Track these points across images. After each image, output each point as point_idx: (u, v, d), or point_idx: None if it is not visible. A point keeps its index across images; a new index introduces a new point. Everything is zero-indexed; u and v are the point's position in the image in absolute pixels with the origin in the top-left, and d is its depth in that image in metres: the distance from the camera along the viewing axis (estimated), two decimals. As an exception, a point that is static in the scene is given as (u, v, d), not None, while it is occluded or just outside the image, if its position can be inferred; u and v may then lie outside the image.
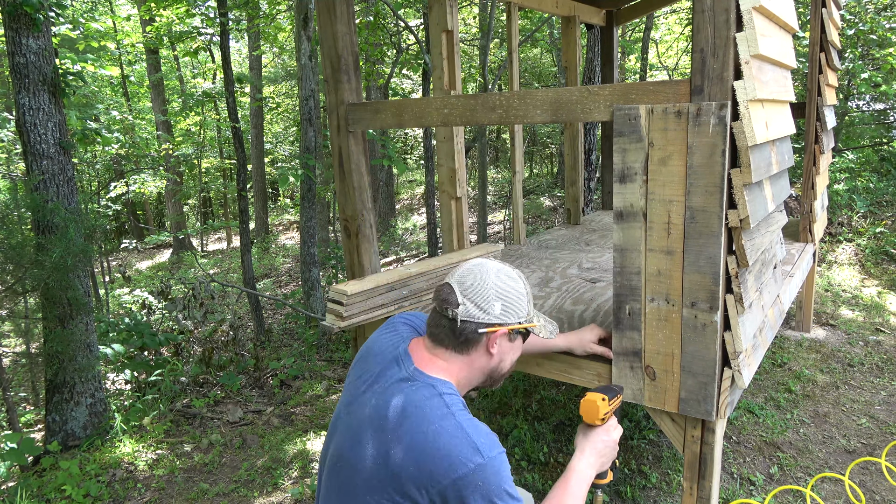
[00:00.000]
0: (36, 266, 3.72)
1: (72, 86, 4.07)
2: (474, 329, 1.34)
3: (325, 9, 2.60)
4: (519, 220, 4.09)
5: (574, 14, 4.29)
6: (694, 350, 1.82)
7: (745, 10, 1.62)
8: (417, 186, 17.79)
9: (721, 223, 1.69)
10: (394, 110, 2.46)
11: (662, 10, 11.35)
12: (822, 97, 3.45)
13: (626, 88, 1.84)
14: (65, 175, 4.01)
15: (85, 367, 4.11)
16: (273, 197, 21.56)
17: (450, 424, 1.21)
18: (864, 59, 6.97)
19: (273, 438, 3.92)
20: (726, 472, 3.03)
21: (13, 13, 3.73)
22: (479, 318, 1.34)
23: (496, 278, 1.37)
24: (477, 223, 8.38)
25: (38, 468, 3.81)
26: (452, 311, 1.34)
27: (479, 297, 1.34)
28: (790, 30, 2.20)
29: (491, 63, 10.53)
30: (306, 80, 5.76)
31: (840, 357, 4.17)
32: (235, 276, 10.84)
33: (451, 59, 3.08)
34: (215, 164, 15.58)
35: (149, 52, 13.42)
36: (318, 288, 6.06)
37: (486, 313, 1.34)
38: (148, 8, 8.16)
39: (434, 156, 8.11)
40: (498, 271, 1.39)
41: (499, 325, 1.35)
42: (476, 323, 1.33)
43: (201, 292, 6.13)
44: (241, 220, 6.19)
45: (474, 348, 1.36)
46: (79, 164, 8.42)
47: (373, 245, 2.86)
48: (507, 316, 1.36)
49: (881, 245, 6.00)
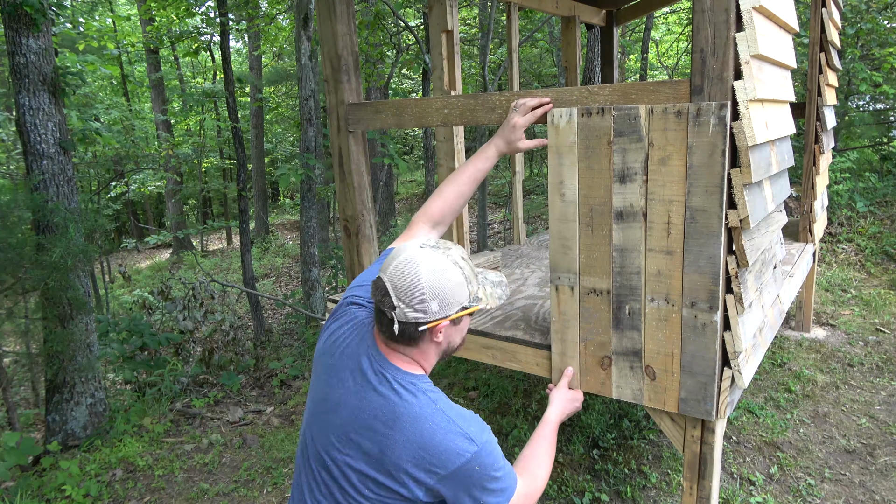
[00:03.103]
0: (36, 266, 3.72)
1: (72, 86, 4.07)
2: (415, 328, 1.32)
3: (325, 9, 2.60)
4: (519, 220, 4.09)
5: (574, 14, 4.29)
6: (694, 350, 1.82)
7: (745, 10, 1.63)
8: (417, 186, 17.79)
9: (721, 223, 1.69)
10: (394, 110, 2.46)
11: (662, 10, 11.35)
12: (822, 97, 3.45)
13: (626, 88, 1.84)
14: (65, 175, 4.01)
15: (85, 367, 4.11)
16: (273, 197, 21.56)
17: (441, 419, 1.29)
18: (863, 59, 6.97)
19: (273, 438, 3.92)
20: (726, 472, 3.03)
21: (13, 13, 3.73)
22: (417, 318, 1.30)
23: (429, 277, 1.29)
24: (477, 223, 8.38)
25: (38, 468, 3.81)
26: (389, 312, 1.31)
27: (413, 300, 1.29)
28: (790, 30, 2.20)
29: (491, 63, 10.53)
30: (306, 80, 5.76)
31: (840, 357, 4.17)
32: (235, 276, 10.84)
33: (451, 59, 3.08)
34: (215, 164, 15.57)
35: (149, 51, 13.42)
36: (318, 288, 6.06)
37: (422, 314, 1.30)
38: (148, 8, 8.17)
39: (434, 156, 8.11)
40: (430, 269, 1.30)
41: (438, 320, 1.33)
42: (415, 323, 1.31)
43: (201, 292, 6.13)
44: (241, 220, 6.19)
45: (421, 341, 1.35)
46: (79, 164, 8.41)
47: (373, 245, 2.86)
48: (445, 310, 1.32)
49: (881, 245, 6.00)
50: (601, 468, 3.12)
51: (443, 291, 1.31)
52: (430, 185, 8.56)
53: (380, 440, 1.30)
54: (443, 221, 1.82)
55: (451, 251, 1.37)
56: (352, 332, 1.46)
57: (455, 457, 1.26)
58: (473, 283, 1.37)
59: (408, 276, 1.30)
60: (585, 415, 3.58)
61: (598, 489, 2.96)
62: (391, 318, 1.31)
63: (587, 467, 3.15)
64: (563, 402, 1.94)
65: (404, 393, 1.32)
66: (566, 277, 2.03)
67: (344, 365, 1.41)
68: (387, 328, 1.34)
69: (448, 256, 1.34)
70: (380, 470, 1.30)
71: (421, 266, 1.30)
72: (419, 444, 1.27)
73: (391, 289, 1.30)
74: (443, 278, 1.31)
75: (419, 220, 1.80)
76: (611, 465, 3.13)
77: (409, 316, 1.30)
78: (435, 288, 1.30)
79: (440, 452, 1.26)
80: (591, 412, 3.60)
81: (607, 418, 3.56)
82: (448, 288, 1.31)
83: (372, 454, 1.31)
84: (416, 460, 1.27)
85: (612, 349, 1.99)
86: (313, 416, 1.44)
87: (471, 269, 1.38)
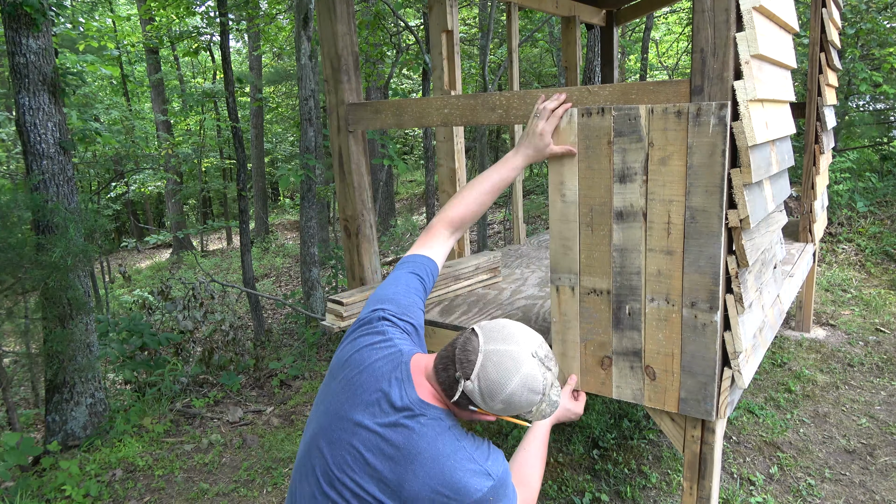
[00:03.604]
0: (36, 266, 3.72)
1: (72, 86, 4.07)
2: (467, 404, 1.34)
3: (325, 9, 2.60)
4: (519, 220, 4.09)
5: (574, 14, 4.29)
6: (694, 350, 1.82)
7: (746, 10, 1.62)
8: (417, 186, 17.79)
9: (721, 223, 1.69)
10: (394, 110, 2.46)
11: (662, 10, 11.35)
12: (822, 97, 3.45)
13: (626, 88, 1.84)
14: (65, 175, 4.01)
15: (85, 367, 4.11)
16: (273, 197, 21.56)
17: (463, 457, 1.32)
18: (863, 59, 6.97)
19: (273, 438, 3.92)
20: (726, 472, 3.03)
21: (13, 13, 3.73)
22: (478, 402, 1.32)
23: (516, 389, 1.29)
24: (477, 223, 8.38)
25: (38, 468, 3.81)
26: (461, 376, 1.32)
27: (488, 392, 1.30)
28: (790, 30, 2.20)
29: (491, 63, 10.53)
30: (306, 80, 5.76)
31: (840, 357, 4.17)
32: (235, 276, 10.84)
33: (451, 59, 3.08)
34: (215, 164, 15.58)
35: (149, 52, 13.42)
36: (318, 288, 6.06)
37: (485, 404, 1.32)
38: (148, 8, 8.16)
39: (434, 156, 8.11)
40: (523, 384, 1.29)
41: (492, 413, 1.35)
42: (473, 402, 1.33)
43: (201, 292, 6.13)
44: (241, 220, 6.20)
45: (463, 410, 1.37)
46: (79, 163, 8.41)
47: (373, 245, 2.86)
48: (503, 413, 1.35)
49: (881, 245, 6.00)
50: (601, 468, 3.12)
51: (517, 404, 1.32)
52: (430, 185, 8.56)
53: (400, 472, 1.31)
54: (462, 227, 1.82)
55: (551, 371, 1.36)
56: (385, 358, 1.43)
57: (473, 492, 1.31)
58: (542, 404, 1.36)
59: (501, 374, 1.29)
60: (585, 415, 3.58)
61: (598, 489, 2.96)
62: (458, 378, 1.31)
63: (587, 467, 3.15)
64: (560, 407, 1.86)
65: (429, 430, 1.33)
66: (567, 277, 2.03)
67: (370, 387, 1.39)
68: (446, 379, 1.34)
69: (545, 379, 1.33)
70: (394, 499, 1.31)
71: (517, 375, 1.29)
72: (440, 482, 1.30)
73: (479, 366, 1.30)
74: (524, 395, 1.31)
75: (438, 224, 1.79)
76: (611, 465, 3.13)
77: (474, 396, 1.31)
78: (513, 397, 1.30)
79: (459, 490, 1.30)
80: (591, 412, 3.60)
81: (607, 418, 3.56)
82: (522, 403, 1.32)
83: (389, 483, 1.31)
84: (434, 495, 1.30)
85: (612, 349, 1.99)
86: (325, 430, 1.40)
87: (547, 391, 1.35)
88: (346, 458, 1.35)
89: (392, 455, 1.32)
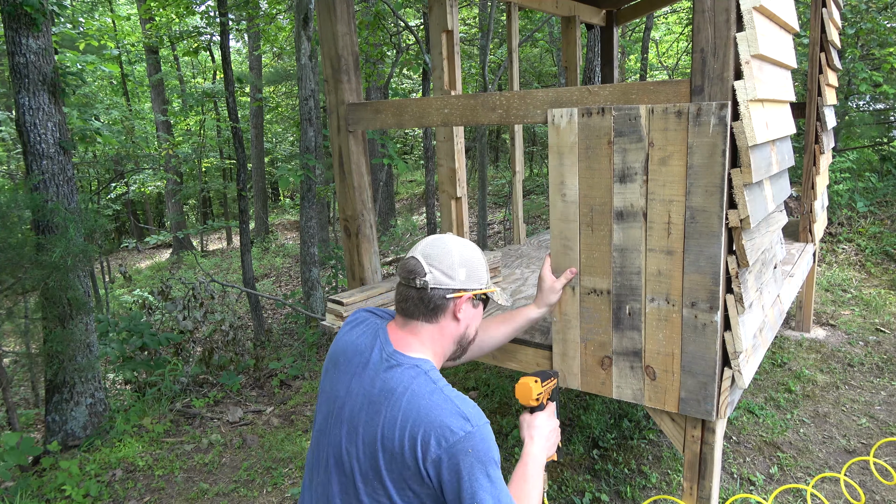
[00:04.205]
0: (36, 266, 3.72)
1: (71, 85, 4.07)
2: (442, 295, 1.42)
3: (325, 9, 2.60)
4: (519, 220, 4.09)
5: (574, 14, 4.29)
6: (694, 350, 1.82)
7: (746, 10, 1.63)
8: (417, 186, 17.78)
9: (721, 223, 1.69)
10: (394, 110, 2.46)
11: (662, 10, 11.36)
12: (822, 97, 3.45)
13: (626, 88, 1.84)
14: (65, 175, 4.01)
15: (85, 367, 4.11)
16: (273, 197, 21.57)
17: (439, 398, 1.30)
18: (863, 59, 6.97)
19: (273, 438, 3.92)
20: (726, 472, 3.03)
21: (13, 13, 3.73)
22: (446, 283, 1.42)
23: (459, 247, 1.46)
24: (477, 223, 8.38)
25: (38, 468, 3.81)
26: (420, 280, 1.41)
27: (444, 265, 1.42)
28: (790, 30, 2.20)
29: (491, 63, 10.52)
30: (306, 80, 5.76)
31: (840, 357, 4.17)
32: (235, 276, 10.84)
33: (451, 59, 3.08)
34: (215, 164, 15.58)
35: (149, 51, 13.42)
36: (318, 288, 6.06)
37: (451, 279, 1.42)
38: (148, 7, 8.16)
39: (434, 156, 8.11)
40: (460, 244, 1.48)
41: (464, 290, 1.44)
42: (443, 289, 1.42)
43: (201, 292, 6.13)
44: (241, 220, 6.20)
45: (443, 315, 1.44)
46: (79, 163, 8.41)
47: (373, 245, 2.86)
48: (470, 281, 1.45)
49: (881, 245, 6.00)
50: (601, 468, 3.12)
51: (470, 262, 1.46)
52: (430, 185, 8.55)
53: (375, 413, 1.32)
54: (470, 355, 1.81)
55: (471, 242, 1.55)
56: (366, 332, 1.51)
57: (449, 434, 1.23)
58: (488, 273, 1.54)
59: (439, 246, 1.45)
60: (585, 415, 3.58)
61: (598, 489, 2.96)
62: (421, 285, 1.40)
63: (587, 467, 3.15)
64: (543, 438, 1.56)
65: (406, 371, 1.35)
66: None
67: (356, 360, 1.44)
68: (412, 302, 1.42)
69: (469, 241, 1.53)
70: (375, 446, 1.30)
71: (450, 240, 1.47)
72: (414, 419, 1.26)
73: (423, 258, 1.43)
74: (469, 253, 1.48)
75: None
76: (611, 465, 3.13)
77: (439, 281, 1.41)
78: (464, 257, 1.45)
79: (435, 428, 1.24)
80: (591, 412, 3.60)
81: (607, 418, 3.56)
82: (474, 262, 1.47)
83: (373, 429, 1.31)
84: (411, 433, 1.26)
85: (612, 349, 1.99)
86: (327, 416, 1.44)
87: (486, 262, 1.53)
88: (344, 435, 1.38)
89: (375, 409, 1.33)
